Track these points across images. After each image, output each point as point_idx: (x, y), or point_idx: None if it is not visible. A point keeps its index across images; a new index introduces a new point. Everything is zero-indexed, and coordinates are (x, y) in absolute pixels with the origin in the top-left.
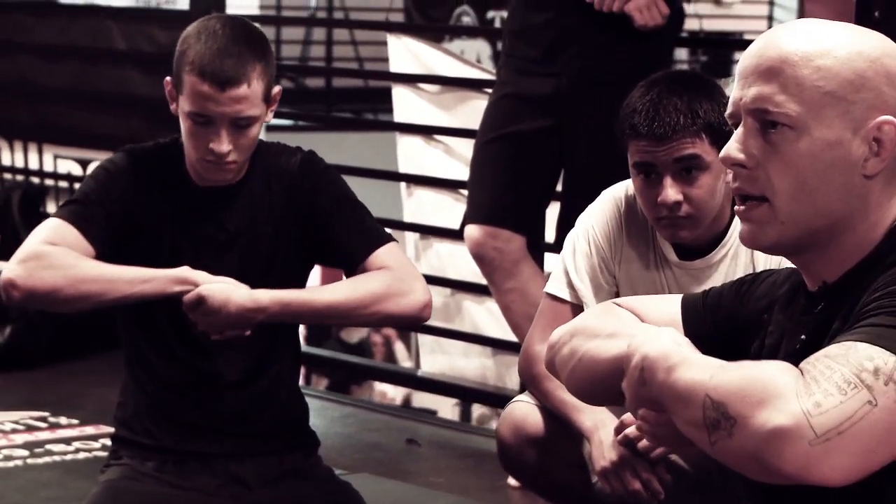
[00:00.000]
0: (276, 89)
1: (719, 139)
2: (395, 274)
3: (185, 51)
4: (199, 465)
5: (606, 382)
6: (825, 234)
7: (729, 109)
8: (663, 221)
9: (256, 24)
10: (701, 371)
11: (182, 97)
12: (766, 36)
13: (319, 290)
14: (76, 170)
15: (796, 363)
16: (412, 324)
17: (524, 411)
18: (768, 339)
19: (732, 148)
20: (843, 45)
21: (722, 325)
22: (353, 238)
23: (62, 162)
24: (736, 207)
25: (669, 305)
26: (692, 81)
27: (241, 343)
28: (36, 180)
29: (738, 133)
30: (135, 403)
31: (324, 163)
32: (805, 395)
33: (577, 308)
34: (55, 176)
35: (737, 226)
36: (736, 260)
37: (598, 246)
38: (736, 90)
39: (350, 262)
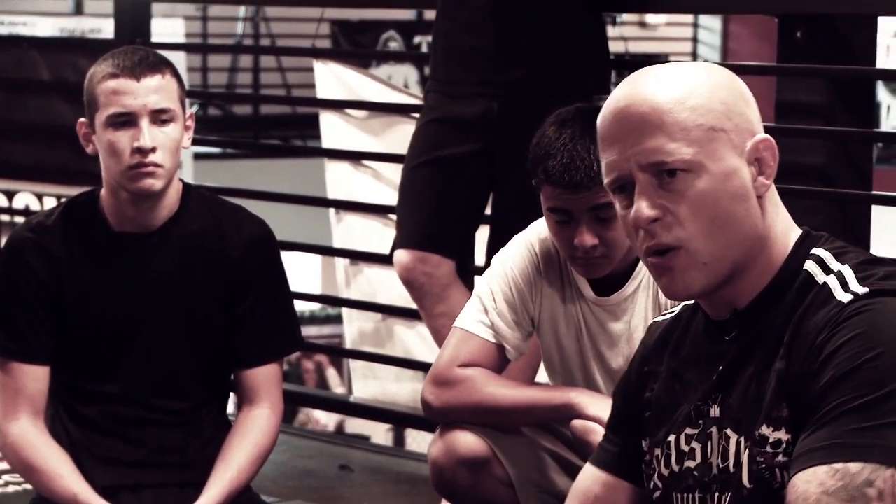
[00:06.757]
0: (190, 111)
1: None
2: (257, 429)
3: (93, 74)
4: (129, 494)
5: None
6: (741, 264)
7: (610, 175)
8: (579, 261)
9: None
10: None
11: (98, 114)
12: (623, 96)
13: (228, 480)
14: (1, 201)
15: (714, 395)
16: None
17: (456, 432)
18: (658, 384)
19: (643, 207)
20: (700, 82)
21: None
22: (254, 340)
23: None
24: (650, 259)
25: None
26: None
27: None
28: None
29: (638, 193)
30: (59, 441)
31: (278, 249)
32: None
33: (491, 346)
34: None
35: None
36: (647, 291)
37: (519, 288)
38: (612, 154)
39: (237, 360)
